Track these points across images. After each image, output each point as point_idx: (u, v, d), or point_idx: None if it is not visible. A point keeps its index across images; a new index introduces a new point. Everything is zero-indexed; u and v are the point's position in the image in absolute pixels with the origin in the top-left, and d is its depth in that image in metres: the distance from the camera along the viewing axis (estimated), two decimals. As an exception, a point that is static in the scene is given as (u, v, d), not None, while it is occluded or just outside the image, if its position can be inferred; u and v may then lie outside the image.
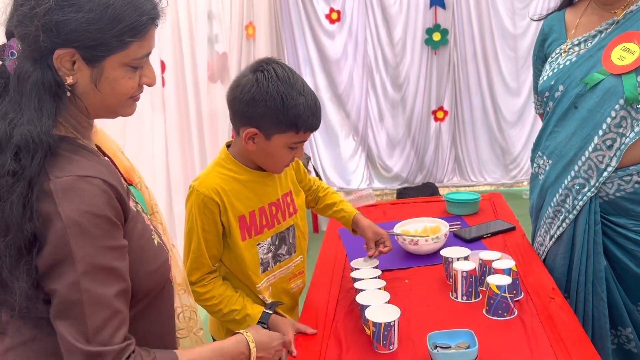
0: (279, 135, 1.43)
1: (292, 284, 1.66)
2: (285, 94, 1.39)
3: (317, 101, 1.47)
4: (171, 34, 2.97)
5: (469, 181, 5.71)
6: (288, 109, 1.40)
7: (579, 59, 1.64)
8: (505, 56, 5.38)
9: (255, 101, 1.40)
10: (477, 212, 2.29)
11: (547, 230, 1.78)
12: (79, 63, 0.94)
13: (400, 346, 1.38)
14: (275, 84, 1.40)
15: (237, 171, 1.52)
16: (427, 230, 2.00)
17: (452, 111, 5.59)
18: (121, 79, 0.98)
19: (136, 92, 1.03)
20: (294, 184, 1.69)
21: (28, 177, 0.89)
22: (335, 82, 5.61)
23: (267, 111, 1.40)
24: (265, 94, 1.39)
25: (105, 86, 0.98)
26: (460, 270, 1.57)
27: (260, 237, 1.55)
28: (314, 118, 1.45)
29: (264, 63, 1.44)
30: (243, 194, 1.51)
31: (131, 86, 1.00)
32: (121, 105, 1.02)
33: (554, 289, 1.60)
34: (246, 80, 1.43)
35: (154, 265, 1.05)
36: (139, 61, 0.99)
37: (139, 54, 0.98)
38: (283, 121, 1.41)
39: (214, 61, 3.65)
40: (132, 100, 1.04)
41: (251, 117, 1.42)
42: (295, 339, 1.44)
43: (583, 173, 1.63)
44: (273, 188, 1.58)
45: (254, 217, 1.53)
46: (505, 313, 1.46)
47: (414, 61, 5.47)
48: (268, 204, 1.56)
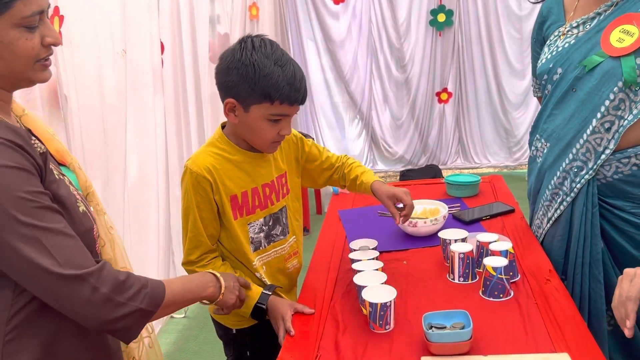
0: (256, 106, 1.42)
1: (288, 264, 1.67)
2: (258, 62, 1.38)
3: (298, 74, 1.44)
4: (170, 14, 2.97)
5: (472, 163, 5.72)
6: (260, 78, 1.38)
7: (578, 42, 1.64)
8: (510, 38, 5.34)
9: (230, 70, 1.41)
10: (477, 194, 2.30)
11: (544, 212, 1.78)
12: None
13: (396, 326, 1.40)
14: (249, 52, 1.39)
15: (229, 151, 1.53)
16: (426, 212, 2.01)
17: (456, 93, 5.57)
18: (17, 41, 0.98)
19: (42, 54, 1.03)
20: (291, 165, 1.68)
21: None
22: (339, 63, 5.60)
23: (240, 79, 1.40)
24: (239, 61, 1.40)
25: (4, 50, 0.98)
26: (458, 252, 1.58)
27: (252, 217, 1.56)
28: (290, 89, 1.41)
29: (247, 37, 1.45)
30: (235, 173, 1.52)
31: (31, 47, 1.00)
32: (29, 69, 1.02)
33: (551, 270, 1.61)
34: (226, 52, 1.45)
35: (79, 229, 1.07)
36: (29, 19, 0.98)
37: (26, 12, 0.97)
38: (256, 90, 1.39)
39: (216, 42, 3.64)
40: (41, 64, 1.04)
41: (228, 87, 1.43)
42: (293, 319, 1.46)
43: (581, 156, 1.63)
44: (267, 170, 1.58)
45: (246, 197, 1.54)
46: (501, 294, 1.48)
47: (418, 42, 5.45)
48: (261, 185, 1.57)
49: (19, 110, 1.16)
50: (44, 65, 1.05)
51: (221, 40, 3.74)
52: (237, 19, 4.01)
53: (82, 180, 1.25)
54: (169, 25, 2.98)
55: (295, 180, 1.70)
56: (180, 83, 3.14)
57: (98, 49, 2.26)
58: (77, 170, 1.25)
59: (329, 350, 1.33)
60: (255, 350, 1.66)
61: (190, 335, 3.05)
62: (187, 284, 1.26)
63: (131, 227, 2.57)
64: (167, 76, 2.98)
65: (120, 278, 1.04)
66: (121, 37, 2.40)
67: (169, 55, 2.98)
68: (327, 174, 1.80)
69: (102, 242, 1.24)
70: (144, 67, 2.67)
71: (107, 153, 2.36)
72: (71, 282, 0.97)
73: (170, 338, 3.03)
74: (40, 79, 1.05)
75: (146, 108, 2.71)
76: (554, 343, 1.27)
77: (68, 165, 1.22)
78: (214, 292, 1.33)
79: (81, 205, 1.11)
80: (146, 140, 2.73)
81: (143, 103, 2.68)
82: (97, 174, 2.24)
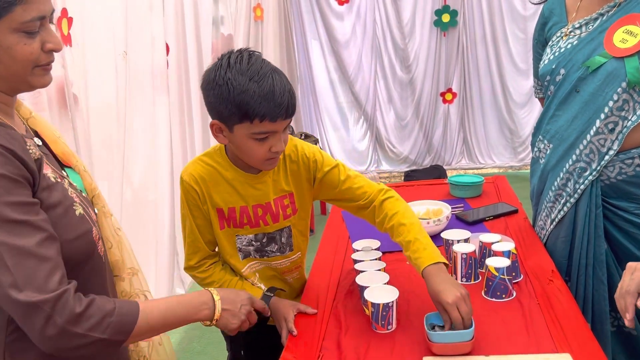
0: (237, 126, 1.33)
1: (286, 276, 1.64)
2: (232, 80, 1.29)
3: (279, 86, 1.31)
4: (174, 15, 2.98)
5: (477, 164, 5.71)
6: (234, 97, 1.29)
7: (581, 42, 1.63)
8: (514, 38, 5.34)
9: (208, 90, 1.35)
10: (481, 195, 2.30)
11: (548, 214, 1.78)
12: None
13: (398, 326, 1.40)
14: (223, 71, 1.31)
15: (223, 165, 1.48)
16: (430, 212, 2.01)
17: (460, 93, 5.56)
18: (16, 46, 0.98)
19: (42, 59, 1.02)
20: (301, 185, 1.55)
21: None
22: (344, 64, 5.60)
23: (217, 100, 1.32)
24: (213, 81, 1.32)
25: (3, 55, 0.98)
26: (460, 253, 1.58)
27: (240, 230, 1.52)
28: (268, 105, 1.29)
29: (227, 53, 1.36)
30: (224, 188, 1.48)
31: (30, 52, 0.99)
32: (28, 74, 1.02)
33: (554, 271, 1.61)
34: (207, 69, 1.38)
35: (72, 234, 1.05)
36: (28, 25, 0.98)
37: (26, 17, 0.97)
38: (232, 110, 1.31)
39: (219, 43, 3.65)
40: (42, 69, 1.04)
41: (210, 109, 1.37)
42: (296, 319, 1.47)
43: (584, 157, 1.63)
44: (263, 192, 1.50)
45: (234, 213, 1.50)
46: (503, 295, 1.48)
47: (422, 43, 5.44)
48: (252, 205, 1.50)
49: (26, 112, 1.17)
50: (45, 70, 1.05)
51: (225, 41, 3.75)
52: (241, 20, 4.02)
53: (88, 182, 1.25)
54: (174, 26, 3.00)
55: (307, 200, 1.58)
56: (185, 84, 3.15)
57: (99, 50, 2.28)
58: (82, 172, 1.25)
59: (332, 350, 1.34)
60: (252, 350, 1.66)
61: (194, 335, 3.06)
62: (174, 308, 1.17)
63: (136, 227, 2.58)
64: (172, 77, 2.99)
65: (78, 310, 0.97)
66: (122, 39, 2.41)
67: (174, 56, 2.99)
68: (348, 205, 1.59)
69: (108, 244, 1.24)
70: (146, 68, 2.68)
71: (112, 154, 2.38)
72: (26, 308, 0.93)
73: (175, 338, 3.04)
74: (40, 83, 1.05)
75: (149, 110, 2.73)
76: (556, 343, 1.28)
77: (73, 168, 1.23)
78: (208, 315, 1.23)
79: (78, 208, 1.10)
80: (150, 142, 2.74)
81: (146, 104, 2.69)
82: (103, 175, 2.25)
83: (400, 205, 1.52)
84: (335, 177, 1.54)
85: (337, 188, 1.55)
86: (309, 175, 1.55)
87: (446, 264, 1.40)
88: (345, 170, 1.56)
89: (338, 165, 1.56)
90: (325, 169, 1.54)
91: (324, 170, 1.54)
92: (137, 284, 1.35)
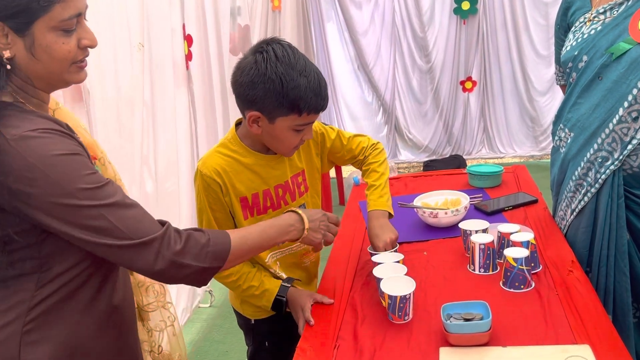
0: (282, 118, 1.39)
1: (304, 259, 1.67)
2: (285, 75, 1.34)
3: (322, 80, 1.41)
4: (195, 6, 2.99)
5: (497, 153, 5.64)
6: (288, 91, 1.34)
7: (605, 28, 1.60)
8: (536, 24, 5.25)
9: (255, 84, 1.36)
10: (500, 185, 2.27)
11: (568, 204, 1.75)
12: (11, 35, 0.98)
13: (415, 317, 1.40)
14: (274, 65, 1.34)
15: (241, 153, 1.50)
16: (448, 202, 2.00)
17: (480, 81, 5.50)
18: (54, 44, 1.00)
19: (79, 56, 1.05)
20: (311, 162, 1.65)
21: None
22: (362, 53, 5.56)
23: (267, 94, 1.35)
24: (264, 75, 1.35)
25: (41, 53, 1.00)
26: (478, 243, 1.57)
27: (264, 217, 1.54)
28: (317, 99, 1.38)
29: (264, 44, 1.39)
30: (245, 175, 1.50)
31: (68, 50, 1.02)
32: (65, 71, 1.04)
33: (574, 262, 1.59)
34: (246, 62, 1.39)
35: None
36: (67, 23, 1.00)
37: (64, 15, 0.99)
38: (284, 104, 1.36)
39: (236, 34, 3.66)
40: (77, 66, 1.06)
41: (252, 101, 1.39)
42: (313, 309, 1.47)
43: (607, 146, 1.60)
44: (281, 171, 1.55)
45: (257, 199, 1.52)
46: (522, 285, 1.46)
47: (442, 31, 5.38)
48: (274, 187, 1.54)
49: (52, 104, 1.19)
50: (80, 67, 1.07)
51: (242, 32, 3.75)
52: (258, 10, 4.01)
53: (111, 175, 1.27)
54: (194, 17, 3.01)
55: (316, 176, 1.67)
56: (207, 74, 3.16)
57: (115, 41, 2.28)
58: (107, 164, 1.27)
59: (348, 340, 1.34)
60: (274, 341, 1.67)
61: (214, 324, 3.09)
62: (266, 230, 1.30)
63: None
64: (194, 68, 3.01)
65: (179, 244, 1.08)
66: (139, 31, 2.42)
67: (196, 48, 3.00)
68: (348, 163, 1.78)
69: None
70: (166, 59, 2.70)
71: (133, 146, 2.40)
72: (136, 249, 1.03)
73: (195, 327, 3.07)
74: (75, 80, 1.07)
75: (169, 101, 2.74)
76: (575, 335, 1.26)
77: (98, 160, 1.24)
78: (296, 234, 1.36)
79: None
80: (169, 133, 2.76)
81: (166, 96, 2.70)
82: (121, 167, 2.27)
83: (380, 157, 1.76)
84: (339, 143, 1.70)
85: (341, 152, 1.71)
86: (317, 148, 1.66)
87: (391, 214, 1.67)
88: (344, 134, 1.72)
89: (338, 131, 1.71)
90: (332, 136, 1.68)
91: (331, 138, 1.67)
92: None
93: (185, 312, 3.03)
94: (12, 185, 0.94)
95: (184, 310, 2.99)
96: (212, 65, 3.21)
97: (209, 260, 1.13)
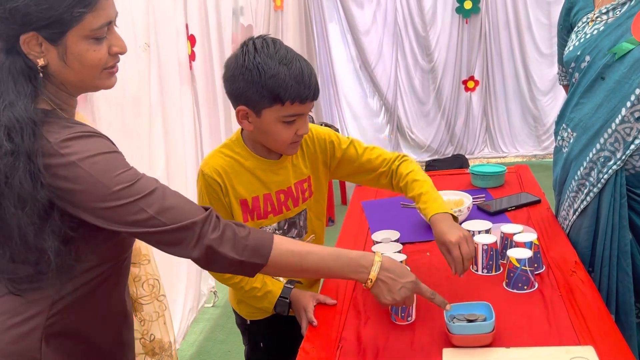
0: (267, 109, 1.38)
1: None
2: (262, 65, 1.33)
3: (307, 69, 1.38)
4: (198, 7, 2.99)
5: (500, 153, 5.64)
6: (266, 80, 1.33)
7: (607, 28, 1.59)
8: (538, 23, 5.24)
9: (235, 77, 1.37)
10: (503, 185, 2.27)
11: (570, 204, 1.75)
12: (45, 44, 1.01)
13: (418, 318, 1.40)
14: (252, 56, 1.34)
15: (243, 155, 1.50)
16: (450, 203, 1.99)
17: (483, 81, 5.49)
18: (86, 52, 1.03)
19: (109, 62, 1.08)
20: (317, 169, 1.61)
21: (25, 152, 0.97)
22: (364, 52, 5.57)
23: (247, 85, 1.35)
24: (242, 67, 1.35)
25: (73, 61, 1.03)
26: (481, 244, 1.57)
27: (264, 221, 1.54)
28: (300, 87, 1.35)
29: (248, 39, 1.40)
30: (246, 178, 1.50)
31: (99, 58, 1.05)
32: (96, 77, 1.08)
33: (577, 262, 1.59)
34: (229, 59, 1.41)
35: None
36: (98, 32, 1.03)
37: (95, 25, 1.02)
38: (264, 93, 1.35)
39: (239, 34, 3.66)
40: (108, 72, 1.09)
41: (237, 95, 1.39)
42: (315, 310, 1.47)
43: (609, 146, 1.60)
44: (284, 177, 1.54)
45: (257, 202, 1.52)
46: (525, 286, 1.47)
47: (444, 30, 5.38)
48: (275, 192, 1.53)
49: None
50: (111, 72, 1.10)
51: (245, 32, 3.75)
52: (260, 10, 4.01)
53: None
54: (197, 17, 3.01)
55: (322, 183, 1.65)
56: (210, 75, 3.17)
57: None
58: None
59: (351, 341, 1.34)
60: (269, 341, 1.67)
61: (217, 324, 3.10)
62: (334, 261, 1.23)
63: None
64: (198, 68, 3.01)
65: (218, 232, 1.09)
66: (144, 31, 2.42)
67: (199, 48, 3.01)
68: (368, 177, 1.64)
69: None
70: (171, 59, 2.70)
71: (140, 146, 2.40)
72: (177, 232, 1.05)
73: (199, 327, 3.08)
74: (106, 85, 1.11)
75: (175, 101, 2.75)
76: (579, 336, 1.26)
77: None
78: (364, 278, 1.24)
79: None
80: (173, 133, 2.76)
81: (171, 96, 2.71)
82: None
83: (414, 166, 1.60)
84: (354, 152, 1.60)
85: (356, 162, 1.61)
86: (325, 157, 1.60)
87: (454, 216, 1.47)
88: (360, 144, 1.63)
89: (352, 140, 1.62)
90: (343, 146, 1.60)
91: (342, 148, 1.60)
92: (150, 269, 1.48)
93: (192, 312, 3.04)
94: (58, 185, 0.99)
95: (190, 311, 3.00)
96: (215, 66, 3.21)
97: (247, 254, 1.12)
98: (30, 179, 0.97)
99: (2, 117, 0.97)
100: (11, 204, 0.97)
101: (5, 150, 0.96)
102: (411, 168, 1.59)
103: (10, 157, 0.96)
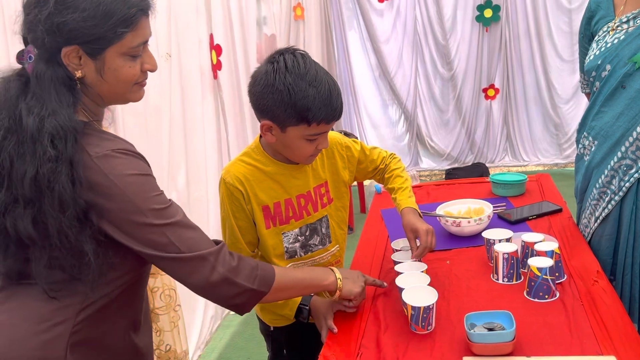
0: (293, 127, 1.40)
1: None
2: (292, 86, 1.35)
3: (334, 90, 1.40)
4: (222, 17, 3.04)
5: (521, 161, 5.60)
6: (296, 102, 1.35)
7: (628, 37, 1.59)
8: (559, 31, 5.21)
9: (264, 94, 1.38)
10: (524, 194, 2.26)
11: (592, 212, 1.74)
12: (84, 58, 1.07)
13: (438, 326, 1.40)
14: (282, 75, 1.36)
15: (263, 162, 1.52)
16: (471, 211, 1.99)
17: (503, 89, 5.47)
18: (122, 68, 1.10)
19: (140, 78, 1.14)
20: (336, 175, 1.64)
21: (68, 159, 1.02)
22: (384, 61, 5.58)
23: (276, 104, 1.37)
24: (272, 86, 1.36)
25: (109, 75, 1.09)
26: (502, 252, 1.56)
27: (286, 227, 1.55)
28: (327, 109, 1.38)
29: (277, 54, 1.40)
30: (267, 184, 1.52)
31: (133, 74, 1.11)
32: (128, 91, 1.14)
33: (599, 271, 1.57)
34: (258, 72, 1.42)
35: None
36: (135, 50, 1.10)
37: (134, 43, 1.09)
38: (292, 114, 1.37)
39: (263, 43, 3.70)
40: (138, 86, 1.15)
41: (264, 110, 1.40)
42: (335, 317, 1.48)
43: (630, 154, 1.59)
44: (303, 181, 1.56)
45: (279, 208, 1.53)
46: (546, 295, 1.46)
47: (464, 38, 5.38)
48: (296, 196, 1.55)
49: None
50: (141, 86, 1.16)
51: (268, 42, 3.79)
52: (282, 20, 4.06)
53: None
54: (222, 27, 3.06)
55: (342, 189, 1.67)
56: (236, 83, 3.21)
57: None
58: None
59: (370, 349, 1.35)
60: (294, 349, 1.68)
61: (237, 331, 3.12)
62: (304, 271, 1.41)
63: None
64: (223, 77, 3.06)
65: (233, 262, 1.17)
66: (166, 41, 2.47)
67: (224, 56, 3.05)
68: (369, 175, 1.78)
69: None
70: (194, 69, 2.74)
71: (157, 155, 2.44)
72: (193, 262, 1.11)
73: (219, 334, 3.10)
74: (136, 98, 1.17)
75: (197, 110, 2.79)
76: (601, 345, 1.25)
77: None
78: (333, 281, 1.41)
79: None
80: (197, 142, 2.80)
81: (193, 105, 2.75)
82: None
83: (401, 164, 1.80)
84: (363, 154, 1.71)
85: (364, 162, 1.72)
86: (344, 162, 1.66)
87: (420, 214, 1.67)
88: (365, 145, 1.74)
89: (360, 143, 1.73)
90: (357, 148, 1.70)
91: (357, 150, 1.69)
92: (167, 280, 1.54)
93: (215, 319, 3.06)
94: (91, 198, 1.04)
95: (212, 318, 3.03)
96: (240, 75, 3.26)
97: (257, 283, 1.20)
98: (72, 185, 1.01)
99: (46, 124, 1.02)
100: (52, 208, 1.01)
101: (49, 156, 1.01)
102: (399, 166, 1.78)
103: (53, 163, 1.01)
